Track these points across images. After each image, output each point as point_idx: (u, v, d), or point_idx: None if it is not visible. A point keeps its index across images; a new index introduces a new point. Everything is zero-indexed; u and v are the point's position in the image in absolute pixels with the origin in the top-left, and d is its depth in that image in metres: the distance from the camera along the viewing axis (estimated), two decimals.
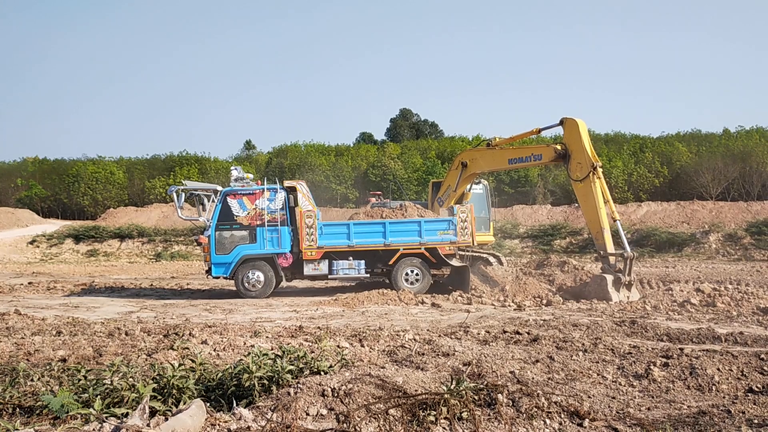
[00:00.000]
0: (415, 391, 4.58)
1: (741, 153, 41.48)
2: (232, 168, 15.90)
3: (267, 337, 8.11)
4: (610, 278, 13.08)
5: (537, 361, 6.29)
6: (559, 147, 14.19)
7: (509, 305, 12.52)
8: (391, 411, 4.19)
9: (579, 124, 13.70)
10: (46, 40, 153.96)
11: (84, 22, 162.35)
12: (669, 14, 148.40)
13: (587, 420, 4.41)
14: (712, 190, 39.82)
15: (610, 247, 13.53)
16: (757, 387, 5.29)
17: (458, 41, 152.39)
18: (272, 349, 6.38)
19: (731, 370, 5.76)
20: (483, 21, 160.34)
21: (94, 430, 3.65)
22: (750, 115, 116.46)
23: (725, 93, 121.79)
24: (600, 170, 13.44)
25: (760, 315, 10.40)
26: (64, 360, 6.44)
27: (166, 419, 3.80)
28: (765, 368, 5.82)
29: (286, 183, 15.46)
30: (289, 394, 4.39)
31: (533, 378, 5.52)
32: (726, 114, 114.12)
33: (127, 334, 8.49)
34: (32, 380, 5.23)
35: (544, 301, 12.82)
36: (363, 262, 14.86)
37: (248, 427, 3.92)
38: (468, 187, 16.92)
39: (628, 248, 13.34)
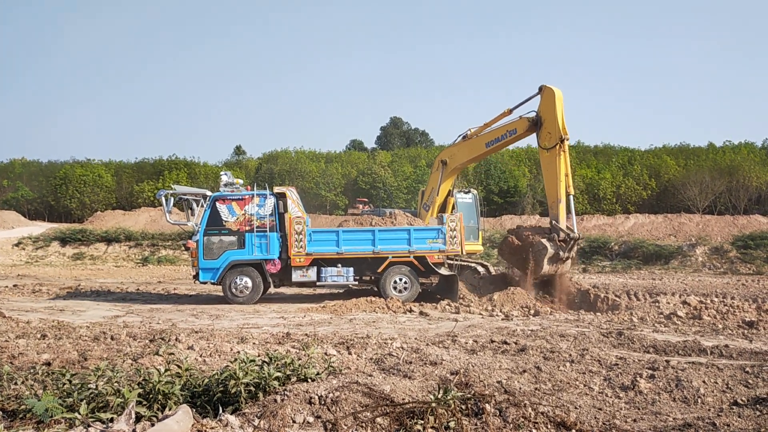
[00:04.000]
0: (403, 399, 4.57)
1: (728, 167, 41.92)
2: (221, 173, 15.86)
3: (254, 343, 8.08)
4: (550, 251, 13.71)
5: (524, 371, 6.30)
6: (532, 116, 14.67)
7: (497, 315, 12.54)
8: (379, 419, 4.18)
9: (556, 94, 14.07)
10: (35, 42, 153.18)
11: (74, 25, 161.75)
12: (659, 28, 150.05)
13: (573, 431, 4.41)
14: (699, 204, 40.18)
15: (563, 220, 14.03)
16: (742, 400, 5.32)
17: (449, 50, 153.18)
18: (259, 356, 6.35)
19: (717, 383, 5.80)
20: (475, 30, 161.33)
21: None
22: (737, 130, 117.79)
23: (713, 107, 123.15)
24: (567, 144, 13.96)
25: (745, 328, 10.47)
26: (48, 364, 6.37)
27: (152, 425, 3.78)
28: (750, 381, 5.86)
29: (276, 189, 15.41)
30: (275, 401, 4.37)
31: (520, 388, 5.53)
32: (713, 128, 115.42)
33: (112, 338, 8.43)
34: (16, 384, 5.16)
35: (532, 311, 12.85)
36: (351, 269, 14.83)
37: None
38: (452, 189, 17.00)
39: (575, 228, 14.02)
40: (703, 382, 5.79)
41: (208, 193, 15.28)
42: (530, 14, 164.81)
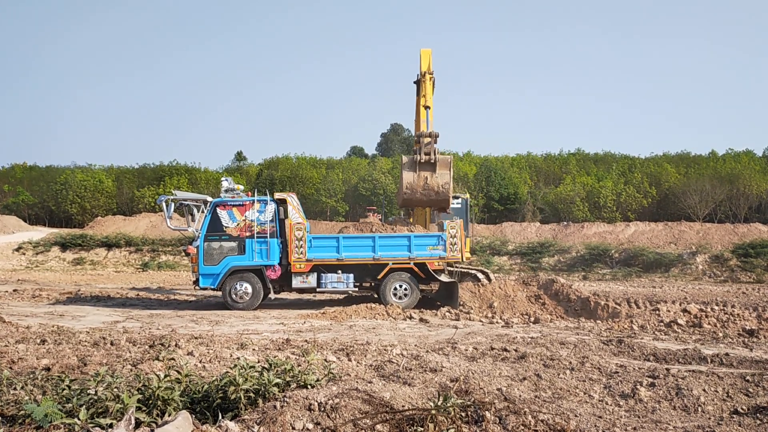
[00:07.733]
0: (402, 406, 4.57)
1: (729, 175, 41.92)
2: (222, 179, 15.89)
3: (254, 349, 8.07)
4: (404, 158, 14.97)
5: (524, 378, 6.29)
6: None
7: (497, 322, 12.53)
8: (378, 426, 4.17)
9: (423, 53, 16.15)
10: (36, 46, 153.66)
11: (75, 29, 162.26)
12: (660, 35, 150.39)
13: None
14: (699, 212, 40.15)
15: (423, 129, 15.21)
16: (742, 409, 5.31)
17: (449, 58, 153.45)
18: (259, 362, 6.34)
19: (717, 392, 5.79)
20: (473, 38, 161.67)
21: None
22: (738, 138, 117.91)
23: (714, 115, 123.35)
24: (429, 76, 15.54)
25: (745, 337, 10.46)
26: (48, 369, 6.36)
27: (152, 430, 3.77)
28: (750, 390, 5.85)
29: (277, 195, 15.43)
30: (275, 407, 4.37)
31: (520, 395, 5.52)
32: (714, 136, 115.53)
33: (112, 343, 8.41)
34: (15, 389, 5.15)
35: (532, 319, 12.84)
36: (352, 275, 14.83)
37: None
38: None
39: (429, 129, 15.11)
40: (704, 390, 5.78)
41: (209, 198, 15.31)
42: (531, 20, 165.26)
